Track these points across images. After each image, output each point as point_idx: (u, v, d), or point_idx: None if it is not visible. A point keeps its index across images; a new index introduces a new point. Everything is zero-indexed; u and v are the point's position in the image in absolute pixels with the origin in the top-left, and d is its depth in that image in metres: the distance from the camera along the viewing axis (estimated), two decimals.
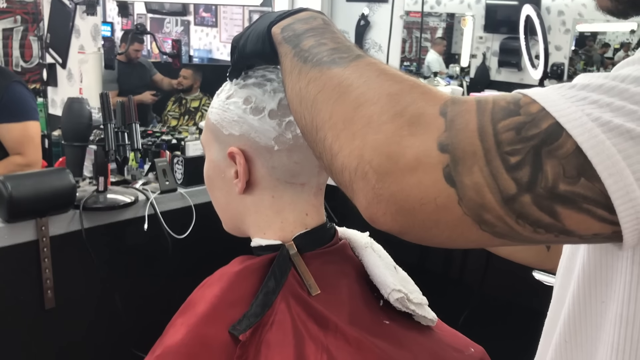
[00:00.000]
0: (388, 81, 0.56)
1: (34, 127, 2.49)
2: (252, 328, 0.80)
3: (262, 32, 0.74)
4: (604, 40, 4.30)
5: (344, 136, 0.55)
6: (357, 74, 0.58)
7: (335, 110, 0.57)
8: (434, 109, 0.52)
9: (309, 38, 0.66)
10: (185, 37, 6.25)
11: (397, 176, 0.51)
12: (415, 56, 3.44)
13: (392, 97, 0.54)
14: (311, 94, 0.61)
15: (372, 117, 0.54)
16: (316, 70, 0.61)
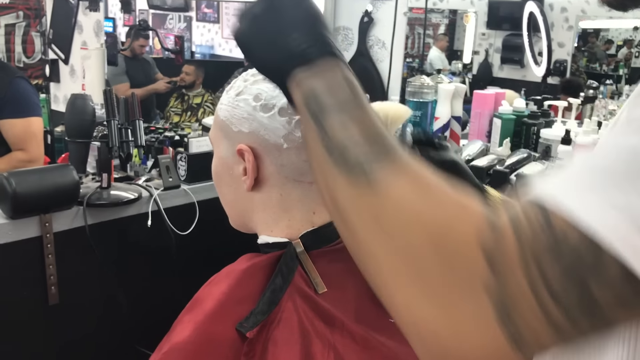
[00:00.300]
0: (426, 211, 0.51)
1: (37, 123, 2.49)
2: (259, 325, 0.81)
3: (278, 69, 0.65)
4: (607, 37, 4.30)
5: (398, 289, 0.52)
6: (392, 202, 0.52)
7: (379, 253, 0.53)
8: (476, 251, 0.47)
9: (334, 117, 0.58)
10: (187, 33, 6.24)
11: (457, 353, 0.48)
12: (417, 52, 3.44)
13: (435, 243, 0.49)
14: (345, 208, 0.55)
15: (421, 274, 0.49)
16: (343, 179, 0.55)
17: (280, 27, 0.64)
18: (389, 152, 0.55)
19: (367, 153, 0.54)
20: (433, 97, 2.27)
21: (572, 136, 1.97)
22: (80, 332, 1.80)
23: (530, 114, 2.18)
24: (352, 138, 0.56)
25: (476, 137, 2.23)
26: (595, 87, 3.36)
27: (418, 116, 2.27)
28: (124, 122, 1.83)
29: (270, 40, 0.65)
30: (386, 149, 0.55)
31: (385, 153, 0.55)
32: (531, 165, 1.84)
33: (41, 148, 2.51)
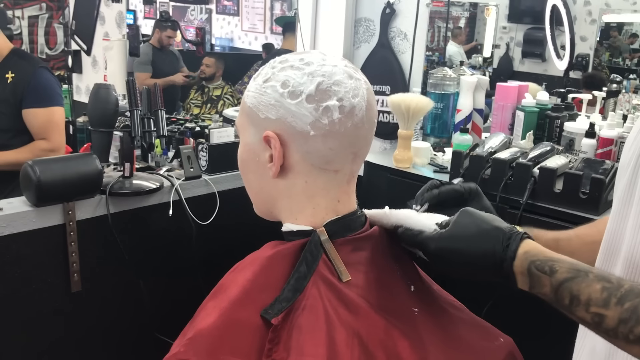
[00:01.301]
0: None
1: (59, 112, 2.51)
2: (284, 312, 0.81)
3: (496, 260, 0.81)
4: (630, 30, 4.23)
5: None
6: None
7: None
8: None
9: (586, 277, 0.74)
10: (207, 26, 6.25)
11: None
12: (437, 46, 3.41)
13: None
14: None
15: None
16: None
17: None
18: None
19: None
20: (455, 90, 2.25)
21: (596, 129, 1.94)
22: (102, 320, 1.82)
23: (554, 106, 2.16)
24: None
25: (498, 130, 2.21)
26: (618, 81, 3.31)
27: (440, 108, 2.26)
28: (146, 112, 1.84)
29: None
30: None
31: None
32: (554, 158, 1.82)
33: (63, 137, 2.53)
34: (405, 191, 2.02)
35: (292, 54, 0.91)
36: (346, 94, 0.86)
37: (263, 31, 5.93)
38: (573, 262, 0.77)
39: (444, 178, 1.92)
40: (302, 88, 0.85)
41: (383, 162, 2.10)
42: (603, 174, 1.66)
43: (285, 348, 0.79)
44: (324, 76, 0.86)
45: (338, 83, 0.86)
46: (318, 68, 0.86)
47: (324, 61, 0.88)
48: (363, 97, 0.88)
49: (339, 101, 0.85)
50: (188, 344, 0.79)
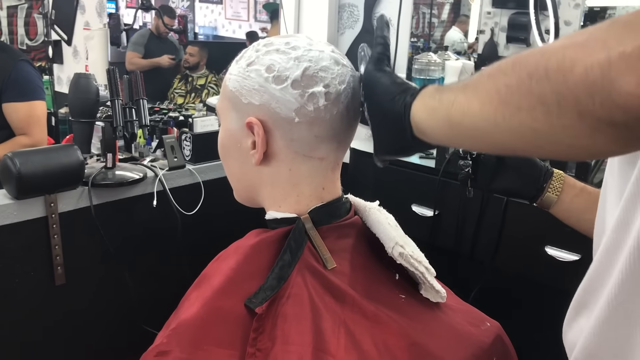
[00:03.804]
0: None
1: (41, 106, 2.48)
2: (268, 301, 0.80)
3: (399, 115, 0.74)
4: (614, 15, 4.24)
5: (577, 51, 0.50)
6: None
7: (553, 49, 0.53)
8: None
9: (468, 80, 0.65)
10: (190, 14, 6.20)
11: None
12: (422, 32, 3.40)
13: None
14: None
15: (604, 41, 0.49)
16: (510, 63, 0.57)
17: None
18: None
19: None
20: (440, 75, 2.24)
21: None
22: (87, 312, 1.80)
23: None
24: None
25: None
26: None
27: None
28: (128, 101, 1.82)
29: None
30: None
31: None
32: None
33: (44, 132, 2.50)
34: (391, 177, 2.01)
35: (277, 37, 0.89)
36: (332, 80, 0.84)
37: (247, 19, 5.89)
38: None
39: (430, 164, 1.92)
40: (288, 73, 0.83)
41: (369, 149, 2.07)
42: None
43: (270, 337, 0.78)
44: (311, 61, 0.84)
45: (325, 69, 0.84)
46: (305, 53, 0.84)
47: (311, 46, 0.86)
48: (349, 84, 0.87)
49: (325, 87, 0.83)
50: (171, 334, 0.78)
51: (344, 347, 0.79)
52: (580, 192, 1.07)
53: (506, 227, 1.72)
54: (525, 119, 0.54)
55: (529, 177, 1.09)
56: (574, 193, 1.08)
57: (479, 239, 1.80)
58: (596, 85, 0.48)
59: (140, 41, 4.38)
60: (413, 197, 1.94)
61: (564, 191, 1.08)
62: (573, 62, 0.49)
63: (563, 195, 1.08)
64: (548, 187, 1.08)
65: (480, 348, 0.95)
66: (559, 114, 0.51)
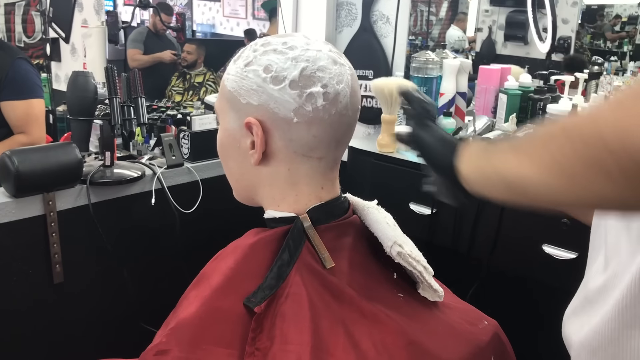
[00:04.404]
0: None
1: (39, 105, 2.47)
2: (267, 300, 0.80)
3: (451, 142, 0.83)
4: (612, 13, 4.24)
5: (632, 119, 0.52)
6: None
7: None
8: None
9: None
10: (188, 12, 6.19)
11: None
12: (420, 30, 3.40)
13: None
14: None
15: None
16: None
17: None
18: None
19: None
20: (438, 73, 2.25)
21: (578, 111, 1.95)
22: (85, 310, 1.81)
23: (537, 89, 2.16)
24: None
25: (481, 113, 2.21)
26: (600, 63, 3.32)
27: (423, 92, 2.25)
28: (126, 99, 1.82)
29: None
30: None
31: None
32: None
33: (43, 130, 2.49)
34: (389, 176, 2.01)
35: (274, 37, 0.89)
36: (330, 80, 0.84)
37: (245, 17, 5.88)
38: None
39: None
40: (286, 73, 0.83)
41: (367, 147, 2.09)
42: None
43: (269, 336, 0.78)
44: (308, 61, 0.83)
45: (322, 69, 0.84)
46: (302, 53, 0.84)
47: (308, 45, 0.85)
48: (347, 83, 0.86)
49: (323, 88, 0.83)
50: (170, 334, 0.78)
51: (343, 346, 0.79)
52: None
53: (503, 226, 1.72)
54: (589, 187, 0.56)
55: None
56: None
57: (476, 237, 1.80)
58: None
59: (139, 38, 4.38)
60: (411, 196, 1.95)
61: None
62: (629, 132, 0.51)
63: None
64: None
65: (478, 346, 0.95)
66: (626, 182, 0.53)
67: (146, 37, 4.40)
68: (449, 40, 3.95)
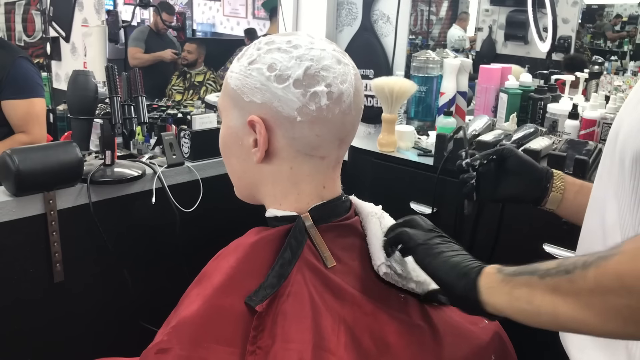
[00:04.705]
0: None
1: (40, 104, 2.46)
2: (268, 299, 0.80)
3: (466, 274, 0.81)
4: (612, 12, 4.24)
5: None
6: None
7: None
8: None
9: (541, 265, 0.74)
10: (188, 11, 6.19)
11: None
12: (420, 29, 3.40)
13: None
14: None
15: None
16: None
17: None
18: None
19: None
20: (438, 72, 2.24)
21: (579, 111, 1.95)
22: (86, 309, 1.81)
23: (537, 88, 2.16)
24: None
25: (482, 112, 2.21)
26: (600, 62, 3.32)
27: (423, 91, 2.25)
28: (126, 98, 1.82)
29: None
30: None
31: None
32: (538, 140, 1.82)
33: (44, 130, 2.49)
34: (389, 175, 2.01)
35: (278, 35, 0.89)
36: (334, 79, 0.84)
37: (245, 16, 5.88)
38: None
39: (428, 161, 1.92)
40: (290, 72, 0.82)
41: (367, 147, 2.09)
42: (586, 155, 1.66)
43: (271, 335, 0.78)
44: (312, 60, 0.83)
45: (327, 68, 0.84)
46: (306, 52, 0.84)
47: (312, 44, 0.85)
48: (351, 83, 0.87)
49: (327, 87, 0.83)
50: (171, 332, 0.78)
51: (344, 344, 0.80)
52: (581, 189, 1.08)
53: (504, 225, 1.72)
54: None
55: (531, 179, 1.09)
56: (575, 190, 1.08)
57: (477, 236, 1.80)
58: None
59: (140, 37, 4.39)
60: (412, 195, 1.94)
61: (566, 189, 1.08)
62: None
63: (566, 193, 1.08)
64: (552, 187, 1.08)
65: (479, 346, 0.95)
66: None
67: (147, 36, 4.41)
68: (450, 40, 3.95)
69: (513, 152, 1.11)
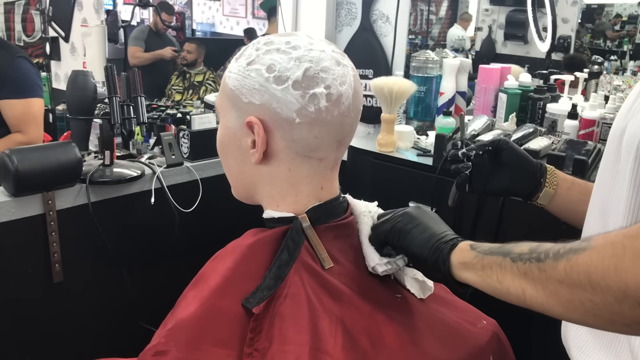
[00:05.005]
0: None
1: (37, 104, 2.46)
2: (265, 301, 0.80)
3: (438, 249, 0.83)
4: (611, 12, 4.24)
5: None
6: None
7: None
8: None
9: (514, 248, 0.77)
10: (188, 11, 6.18)
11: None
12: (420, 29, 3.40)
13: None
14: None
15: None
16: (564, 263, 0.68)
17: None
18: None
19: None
20: (438, 72, 2.24)
21: (578, 110, 1.95)
22: (85, 309, 1.80)
23: (536, 88, 2.16)
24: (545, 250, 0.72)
25: (481, 112, 2.21)
26: (600, 62, 3.32)
27: (422, 91, 2.25)
28: (125, 99, 1.81)
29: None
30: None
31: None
32: (537, 140, 1.82)
33: (40, 130, 2.48)
34: (389, 175, 2.01)
35: (277, 36, 0.88)
36: (334, 81, 0.84)
37: (245, 16, 5.87)
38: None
39: (427, 161, 1.92)
40: (289, 74, 0.82)
41: (367, 147, 2.09)
42: (585, 155, 1.66)
43: (268, 337, 0.78)
44: (312, 62, 0.83)
45: (326, 70, 0.83)
46: (305, 53, 0.84)
47: (311, 45, 0.85)
48: (350, 84, 0.86)
49: (326, 89, 0.83)
50: (168, 334, 0.78)
51: (341, 346, 0.79)
52: (572, 185, 1.08)
53: (503, 224, 1.72)
54: (617, 328, 0.65)
55: (525, 173, 1.10)
56: (567, 186, 1.09)
57: (476, 236, 1.79)
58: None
59: (140, 36, 4.39)
60: (411, 195, 1.94)
61: (559, 185, 1.09)
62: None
63: (559, 189, 1.09)
64: (545, 181, 1.08)
65: (477, 346, 0.95)
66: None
67: (147, 35, 4.40)
68: (450, 39, 3.95)
69: (509, 144, 1.11)
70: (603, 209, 0.87)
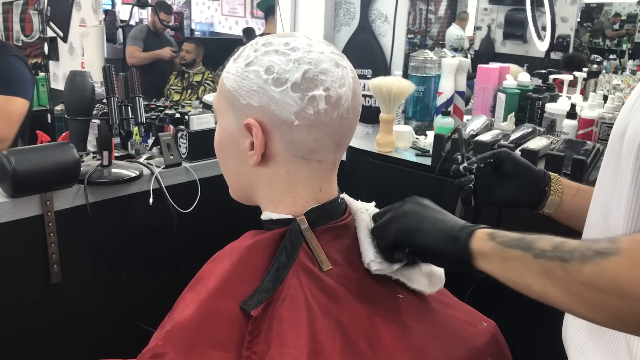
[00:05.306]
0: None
1: (18, 103, 2.40)
2: (263, 303, 0.79)
3: (456, 239, 0.81)
4: (610, 11, 4.24)
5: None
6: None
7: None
8: None
9: (536, 242, 0.74)
10: (186, 10, 6.18)
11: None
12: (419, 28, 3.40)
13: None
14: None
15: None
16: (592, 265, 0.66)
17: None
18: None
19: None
20: (436, 72, 2.24)
21: (577, 110, 1.94)
22: (83, 311, 1.80)
23: (535, 88, 2.16)
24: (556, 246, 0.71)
25: (480, 112, 2.21)
26: (598, 61, 3.32)
27: (421, 91, 2.24)
28: (123, 99, 1.81)
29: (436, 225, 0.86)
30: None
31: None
32: (536, 140, 1.82)
33: (10, 129, 2.39)
34: (387, 175, 2.01)
35: (275, 37, 0.87)
36: (333, 83, 0.83)
37: (244, 15, 5.87)
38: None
39: (426, 162, 1.91)
40: (288, 75, 0.82)
41: (365, 147, 2.08)
42: (584, 155, 1.66)
43: (266, 340, 0.78)
44: (311, 64, 0.82)
45: (325, 72, 0.83)
46: (304, 55, 0.83)
47: (310, 47, 0.84)
48: (349, 86, 0.86)
49: (325, 91, 0.82)
50: (166, 337, 0.78)
51: (340, 348, 0.79)
52: (578, 192, 1.07)
53: (502, 224, 1.72)
54: (626, 327, 0.66)
55: (529, 182, 1.09)
56: (572, 193, 1.08)
57: None
58: None
59: (139, 36, 4.38)
60: (409, 194, 1.93)
61: (564, 192, 1.08)
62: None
63: (564, 196, 1.08)
64: (550, 190, 1.07)
65: (476, 348, 0.95)
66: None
67: (145, 35, 4.40)
68: (449, 39, 3.94)
69: (510, 154, 1.10)
70: (604, 209, 0.87)
